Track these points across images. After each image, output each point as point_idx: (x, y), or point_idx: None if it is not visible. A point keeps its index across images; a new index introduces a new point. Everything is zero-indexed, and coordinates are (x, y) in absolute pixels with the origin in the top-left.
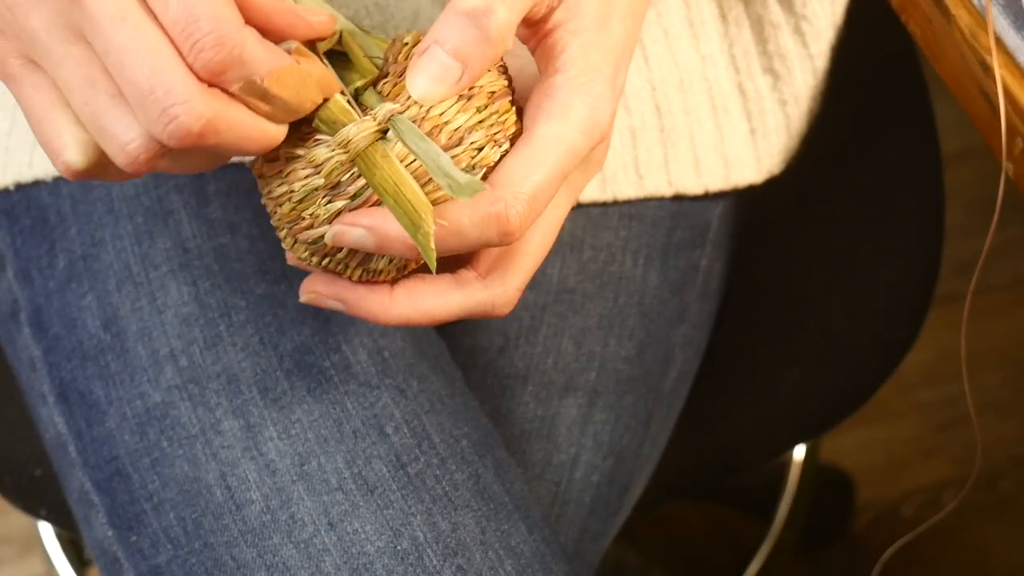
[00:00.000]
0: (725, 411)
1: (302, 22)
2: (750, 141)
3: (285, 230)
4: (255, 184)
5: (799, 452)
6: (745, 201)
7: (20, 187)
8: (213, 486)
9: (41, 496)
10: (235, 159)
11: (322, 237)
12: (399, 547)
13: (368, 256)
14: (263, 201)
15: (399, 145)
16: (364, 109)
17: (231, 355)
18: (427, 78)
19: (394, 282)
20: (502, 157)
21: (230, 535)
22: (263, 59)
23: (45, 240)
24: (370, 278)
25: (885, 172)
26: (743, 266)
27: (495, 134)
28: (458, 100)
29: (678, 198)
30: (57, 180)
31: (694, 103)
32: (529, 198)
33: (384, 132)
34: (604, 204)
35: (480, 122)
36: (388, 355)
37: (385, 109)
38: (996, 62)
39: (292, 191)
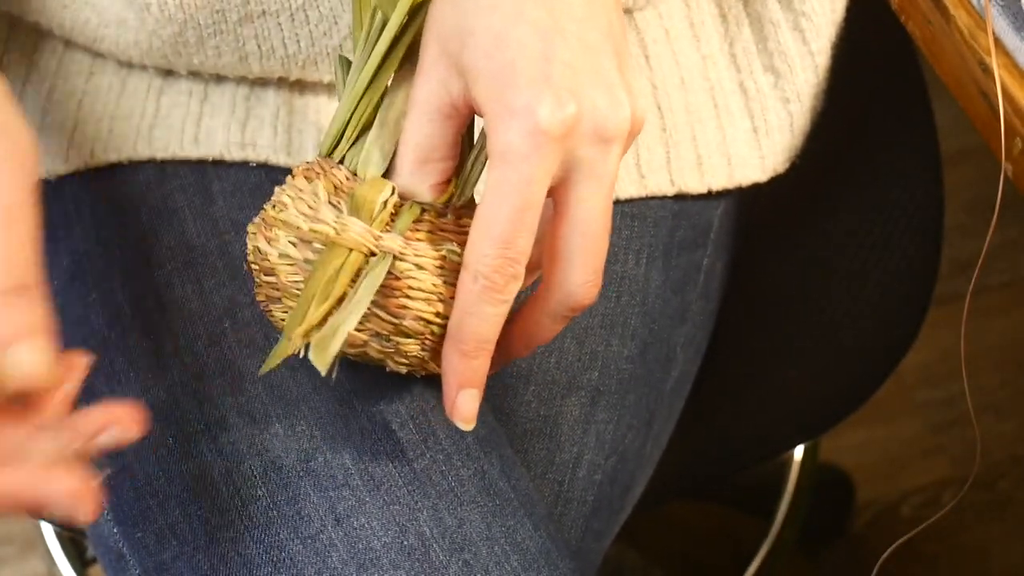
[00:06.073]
0: (726, 411)
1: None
2: (753, 140)
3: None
4: (259, 183)
5: (799, 452)
6: (747, 201)
7: None
8: (218, 482)
9: None
10: (240, 156)
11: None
12: (405, 542)
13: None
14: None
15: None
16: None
17: (236, 352)
18: None
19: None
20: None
21: (236, 531)
22: None
23: (49, 239)
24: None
25: (885, 172)
26: (744, 266)
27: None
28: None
29: (680, 197)
30: (60, 180)
31: (695, 102)
32: (495, 255)
33: (370, 255)
34: None
35: (426, 324)
36: None
37: (391, 243)
38: (995, 62)
39: (286, 206)
